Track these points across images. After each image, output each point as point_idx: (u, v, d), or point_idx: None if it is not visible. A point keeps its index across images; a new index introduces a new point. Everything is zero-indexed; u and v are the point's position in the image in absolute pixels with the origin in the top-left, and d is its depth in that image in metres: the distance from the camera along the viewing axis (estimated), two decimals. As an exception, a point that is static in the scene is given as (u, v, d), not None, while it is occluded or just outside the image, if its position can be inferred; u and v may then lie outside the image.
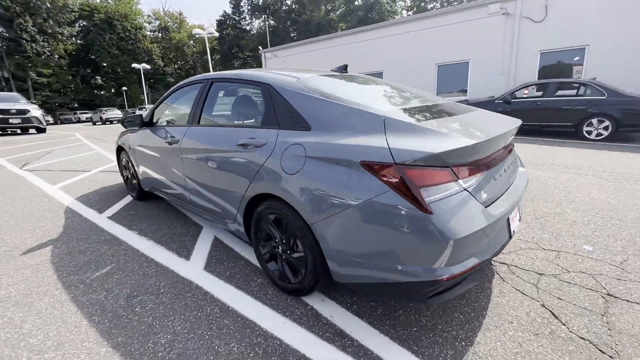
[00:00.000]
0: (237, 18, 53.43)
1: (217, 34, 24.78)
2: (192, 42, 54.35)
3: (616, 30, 8.47)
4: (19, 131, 13.93)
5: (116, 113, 27.13)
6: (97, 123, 27.74)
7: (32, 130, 14.29)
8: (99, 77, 48.57)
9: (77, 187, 4.48)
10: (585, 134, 7.19)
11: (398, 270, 1.40)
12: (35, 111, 13.26)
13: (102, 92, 49.28)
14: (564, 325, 1.69)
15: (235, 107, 2.44)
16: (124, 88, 44.61)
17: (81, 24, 44.29)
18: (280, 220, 1.86)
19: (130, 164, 3.64)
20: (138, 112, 19.22)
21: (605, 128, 6.94)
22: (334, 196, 1.51)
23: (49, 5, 37.70)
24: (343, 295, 1.95)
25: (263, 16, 51.25)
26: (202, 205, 2.53)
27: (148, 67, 35.97)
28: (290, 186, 1.68)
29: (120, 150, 3.88)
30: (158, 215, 3.36)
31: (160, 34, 54.44)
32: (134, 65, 32.59)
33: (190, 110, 2.60)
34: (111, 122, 25.92)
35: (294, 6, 47.16)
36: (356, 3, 44.08)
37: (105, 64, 45.66)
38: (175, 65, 55.70)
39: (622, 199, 3.40)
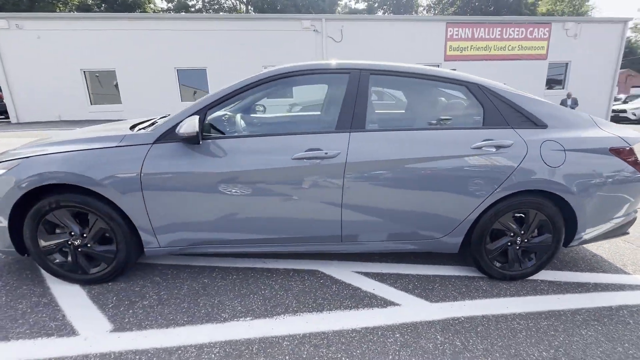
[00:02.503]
0: None
1: None
2: None
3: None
4: None
5: None
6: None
7: None
8: None
9: None
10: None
11: (625, 215, 2.08)
12: None
13: None
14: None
15: (421, 107, 2.04)
16: None
17: None
18: (525, 214, 1.99)
19: (105, 219, 1.82)
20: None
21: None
22: (594, 177, 1.93)
23: None
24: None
25: None
26: (371, 231, 1.96)
27: None
28: (556, 177, 1.89)
29: (39, 195, 1.78)
30: (211, 284, 2.00)
31: None
32: None
33: (343, 110, 1.87)
34: None
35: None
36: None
37: None
38: None
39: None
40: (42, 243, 1.88)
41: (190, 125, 1.64)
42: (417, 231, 1.99)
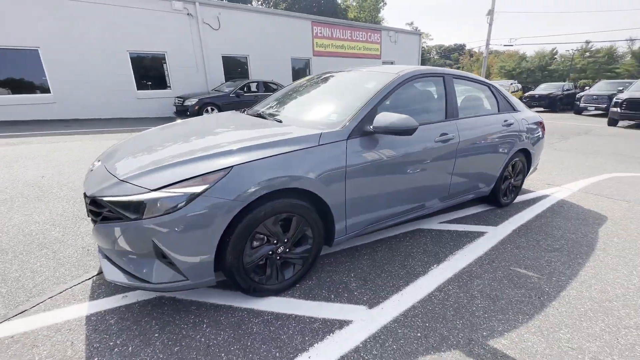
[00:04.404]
0: None
1: None
2: None
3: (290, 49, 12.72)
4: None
5: None
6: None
7: None
8: None
9: None
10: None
11: (538, 160, 3.78)
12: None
13: None
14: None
15: (474, 100, 2.91)
16: None
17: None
18: (515, 164, 3.31)
19: (309, 218, 1.83)
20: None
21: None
22: (535, 138, 3.46)
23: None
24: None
25: None
26: (460, 190, 2.81)
27: None
28: (528, 140, 3.29)
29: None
30: (374, 257, 2.32)
31: None
32: None
33: (448, 104, 2.56)
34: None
35: None
36: None
37: None
38: None
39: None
40: (247, 259, 1.70)
41: (410, 120, 1.93)
42: (478, 184, 2.98)
